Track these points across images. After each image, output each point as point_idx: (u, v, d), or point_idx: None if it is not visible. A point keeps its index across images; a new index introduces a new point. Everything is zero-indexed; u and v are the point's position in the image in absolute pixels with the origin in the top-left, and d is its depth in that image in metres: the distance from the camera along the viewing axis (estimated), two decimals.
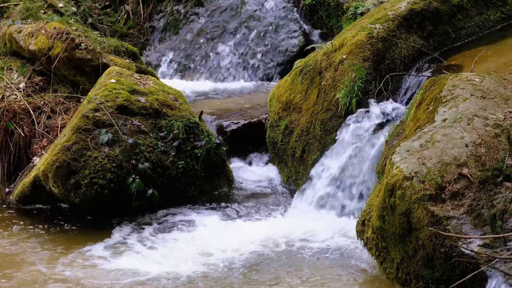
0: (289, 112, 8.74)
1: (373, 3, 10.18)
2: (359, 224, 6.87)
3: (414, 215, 5.88)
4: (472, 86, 6.65)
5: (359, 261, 6.85)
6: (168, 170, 8.19)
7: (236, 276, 6.71)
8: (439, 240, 5.75)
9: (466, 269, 5.65)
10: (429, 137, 6.23)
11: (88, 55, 9.29)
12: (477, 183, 5.89)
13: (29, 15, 10.28)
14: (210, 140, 8.49)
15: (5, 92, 9.17)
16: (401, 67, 8.16)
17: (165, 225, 7.83)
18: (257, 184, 8.71)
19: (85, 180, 7.79)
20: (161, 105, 8.44)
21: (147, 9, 12.31)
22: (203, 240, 7.39)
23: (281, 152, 8.78)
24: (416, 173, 5.96)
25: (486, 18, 8.89)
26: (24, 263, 7.04)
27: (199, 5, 12.18)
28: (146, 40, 12.09)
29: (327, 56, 8.44)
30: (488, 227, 5.70)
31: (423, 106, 6.82)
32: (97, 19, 11.89)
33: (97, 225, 7.83)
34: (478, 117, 6.32)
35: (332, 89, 8.19)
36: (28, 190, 8.27)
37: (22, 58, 9.70)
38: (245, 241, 7.34)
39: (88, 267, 6.93)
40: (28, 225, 7.93)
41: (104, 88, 8.37)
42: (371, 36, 8.18)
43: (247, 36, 11.59)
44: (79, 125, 8.02)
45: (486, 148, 6.08)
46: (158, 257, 7.11)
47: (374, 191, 6.99)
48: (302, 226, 7.57)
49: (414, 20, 8.42)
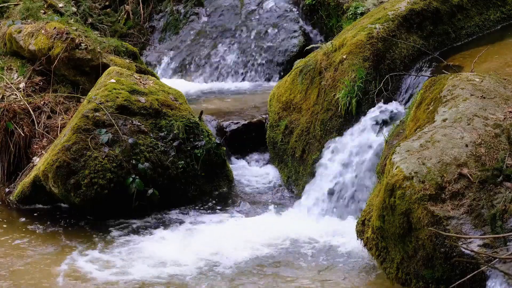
0: (289, 112, 8.74)
1: (373, 3, 10.19)
2: (359, 224, 6.87)
3: (414, 215, 5.88)
4: (472, 86, 6.65)
5: (359, 261, 6.85)
6: (168, 170, 8.19)
7: (235, 276, 6.72)
8: (439, 240, 5.76)
9: (466, 269, 5.65)
10: (429, 137, 6.23)
11: (88, 55, 9.29)
12: (477, 183, 5.89)
13: (29, 15, 10.28)
14: (210, 140, 8.49)
15: (5, 92, 9.17)
16: (401, 67, 8.16)
17: (165, 225, 7.83)
18: (257, 184, 8.71)
19: (85, 180, 7.79)
20: (161, 105, 8.44)
21: (147, 9, 12.31)
22: (203, 240, 7.39)
23: (281, 152, 8.78)
24: (416, 173, 5.96)
25: (486, 18, 8.89)
26: (24, 263, 7.04)
27: (199, 5, 12.18)
28: (146, 40, 12.09)
29: (327, 56, 8.44)
30: (488, 227, 5.70)
31: (423, 106, 6.82)
32: (97, 19, 11.89)
33: (97, 225, 7.83)
34: (478, 117, 6.32)
35: (332, 89, 8.19)
36: (28, 190, 8.27)
37: (22, 58, 9.70)
38: (244, 241, 7.34)
39: (88, 267, 6.93)
40: (28, 225, 7.93)
41: (104, 88, 8.37)
42: (371, 36, 8.18)
43: (247, 36, 11.59)
44: (79, 125, 8.02)
45: (486, 148, 6.08)
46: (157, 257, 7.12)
47: (374, 191, 7.00)
48: (302, 226, 7.57)
49: (414, 20, 8.42)
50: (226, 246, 7.23)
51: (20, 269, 6.94)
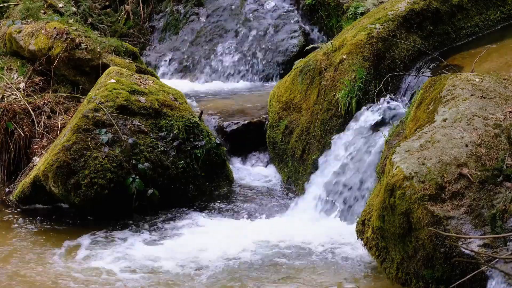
0: (289, 112, 8.74)
1: (373, 3, 10.19)
2: (359, 224, 6.87)
3: (414, 215, 5.88)
4: (472, 86, 6.65)
5: (359, 261, 6.85)
6: (168, 170, 8.19)
7: (233, 276, 6.72)
8: (439, 240, 5.75)
9: (466, 269, 5.65)
10: (429, 137, 6.23)
11: (88, 55, 9.29)
12: (477, 183, 5.89)
13: (29, 15, 10.28)
14: (210, 140, 8.49)
15: (5, 92, 9.17)
16: (401, 67, 8.17)
17: (165, 225, 7.83)
18: (257, 184, 8.71)
19: (85, 180, 7.79)
20: (161, 105, 8.44)
21: (147, 9, 12.31)
22: (204, 240, 7.39)
23: (281, 152, 8.78)
24: (416, 173, 5.96)
25: (486, 18, 8.89)
26: (23, 263, 7.04)
27: (199, 5, 12.18)
28: (146, 40, 12.09)
29: (327, 56, 8.44)
30: (488, 227, 5.70)
31: (423, 106, 6.82)
32: (97, 19, 11.89)
33: (97, 225, 7.83)
34: (478, 117, 6.32)
35: (332, 89, 8.19)
36: (28, 190, 8.27)
37: (22, 58, 9.70)
38: (244, 241, 7.34)
39: (86, 267, 6.93)
40: (28, 225, 7.93)
41: (104, 88, 8.37)
42: (371, 36, 8.18)
43: (247, 36, 11.59)
44: (79, 125, 8.02)
45: (486, 148, 6.08)
46: (158, 257, 7.12)
47: (374, 191, 7.00)
48: (302, 226, 7.57)
49: (414, 20, 8.42)
50: (225, 246, 7.22)
51: (20, 269, 6.94)
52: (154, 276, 6.73)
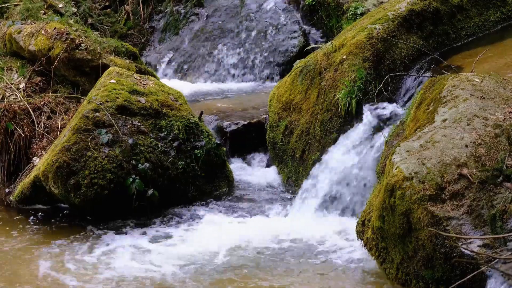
0: (289, 113, 8.74)
1: (373, 3, 10.20)
2: (359, 224, 6.87)
3: (414, 216, 5.88)
4: (472, 87, 6.65)
5: (359, 261, 6.85)
6: (168, 170, 8.19)
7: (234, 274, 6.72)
8: (439, 241, 5.76)
9: (466, 269, 5.65)
10: (429, 137, 6.23)
11: (88, 56, 9.29)
12: (477, 183, 5.89)
13: (29, 16, 10.29)
14: (210, 141, 8.50)
15: (5, 93, 9.17)
16: (401, 68, 8.17)
17: (165, 225, 7.83)
18: (257, 185, 8.71)
19: (85, 181, 7.80)
20: (161, 105, 8.44)
21: (147, 10, 12.32)
22: (204, 240, 7.39)
23: (281, 152, 8.78)
24: (416, 173, 5.96)
25: (486, 18, 8.90)
26: (23, 263, 7.04)
27: (199, 5, 12.19)
28: (146, 41, 12.10)
29: (327, 57, 8.44)
30: (488, 228, 5.70)
31: (423, 107, 6.83)
32: (97, 20, 11.90)
33: (96, 226, 7.83)
34: (478, 118, 6.32)
35: (332, 90, 8.19)
36: (28, 191, 8.27)
37: (22, 59, 9.70)
38: (244, 241, 7.34)
39: (86, 267, 6.94)
40: (28, 225, 7.93)
41: (104, 88, 8.37)
42: (371, 37, 8.18)
43: (247, 36, 11.60)
44: (79, 125, 8.02)
45: (486, 149, 6.08)
46: (157, 257, 7.12)
47: (374, 191, 7.00)
48: (302, 226, 7.58)
49: (414, 20, 8.42)
50: (226, 246, 7.23)
51: (19, 269, 6.94)
52: (154, 276, 6.73)
